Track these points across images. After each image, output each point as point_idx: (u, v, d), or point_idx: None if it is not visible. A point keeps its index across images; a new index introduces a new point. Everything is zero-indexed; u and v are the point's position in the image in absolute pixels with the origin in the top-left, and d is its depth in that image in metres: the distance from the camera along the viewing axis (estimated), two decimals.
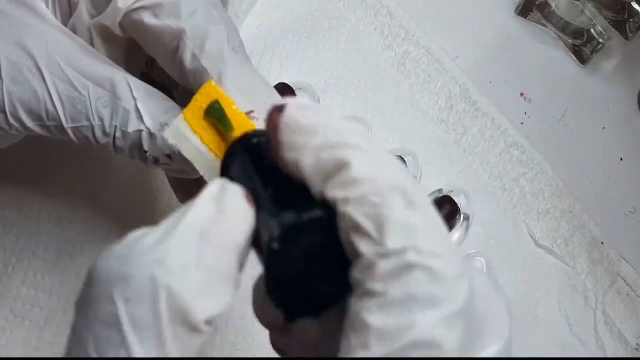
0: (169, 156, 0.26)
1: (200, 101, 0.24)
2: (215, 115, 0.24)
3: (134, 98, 0.25)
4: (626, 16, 0.50)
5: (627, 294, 0.46)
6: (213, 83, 0.24)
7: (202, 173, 0.24)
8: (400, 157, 0.43)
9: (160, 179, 0.42)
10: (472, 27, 0.52)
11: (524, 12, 0.52)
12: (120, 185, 0.42)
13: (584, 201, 0.47)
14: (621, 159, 0.50)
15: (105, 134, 0.26)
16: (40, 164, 0.41)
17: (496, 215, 0.46)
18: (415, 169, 0.45)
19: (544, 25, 0.52)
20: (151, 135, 0.25)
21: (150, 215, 0.41)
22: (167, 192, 0.42)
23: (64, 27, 0.27)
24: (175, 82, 0.30)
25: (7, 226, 0.40)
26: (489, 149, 0.47)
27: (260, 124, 0.24)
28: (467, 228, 0.44)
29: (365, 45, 0.49)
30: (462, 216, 0.44)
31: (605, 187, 0.49)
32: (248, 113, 0.25)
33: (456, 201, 0.42)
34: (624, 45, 0.52)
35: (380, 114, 0.47)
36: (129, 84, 0.26)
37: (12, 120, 0.25)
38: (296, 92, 0.43)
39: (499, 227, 0.45)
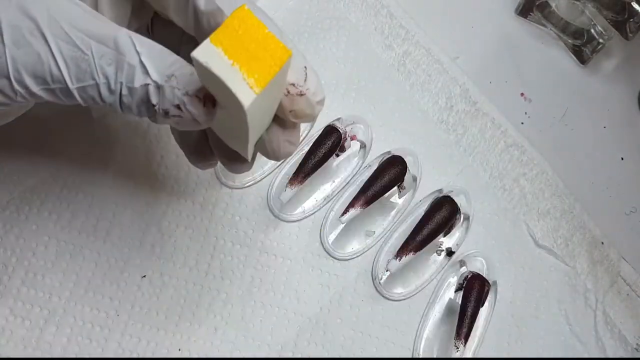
0: (178, 107, 0.25)
1: (233, 24, 0.23)
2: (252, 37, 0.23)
3: (138, 52, 0.25)
4: (626, 16, 0.50)
5: (627, 294, 0.46)
6: (247, 8, 0.23)
7: (234, 91, 0.22)
8: (401, 157, 0.43)
9: (161, 174, 0.42)
10: (472, 27, 0.52)
11: (524, 12, 0.52)
12: (120, 185, 0.42)
13: (584, 201, 0.47)
14: (621, 159, 0.50)
15: (110, 91, 0.25)
16: (40, 164, 0.41)
17: (496, 215, 0.46)
18: (415, 169, 0.45)
19: (544, 25, 0.52)
20: (158, 87, 0.25)
21: (151, 214, 0.41)
22: (169, 190, 0.42)
23: None
24: (178, 43, 0.30)
25: (7, 226, 0.40)
26: (489, 149, 0.47)
27: None
28: (467, 228, 0.44)
29: (365, 45, 0.49)
30: (462, 216, 0.44)
31: (606, 187, 0.49)
32: None
33: (456, 201, 0.42)
34: (624, 45, 0.52)
35: (380, 114, 0.47)
36: (131, 39, 0.25)
37: (17, 86, 0.25)
38: None
39: (498, 227, 0.45)
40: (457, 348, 0.39)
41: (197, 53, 0.22)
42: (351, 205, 0.41)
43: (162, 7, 0.28)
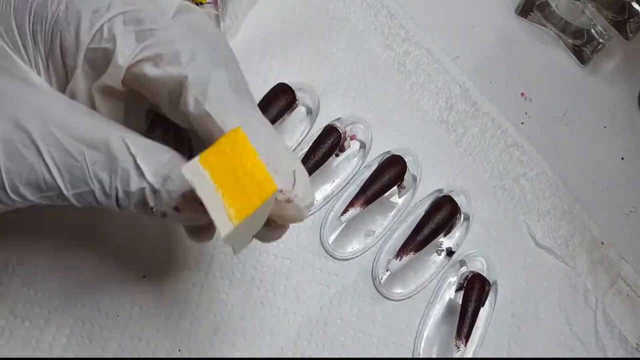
0: (176, 208, 0.25)
1: (224, 146, 0.22)
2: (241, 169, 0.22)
3: (132, 155, 0.25)
4: (626, 16, 0.50)
5: (627, 294, 0.46)
6: (241, 131, 0.23)
7: (214, 219, 0.22)
8: (401, 157, 0.43)
9: None
10: (472, 27, 0.52)
11: (524, 12, 0.52)
12: None
13: (584, 201, 0.47)
14: (622, 159, 0.50)
15: (106, 195, 0.25)
16: None
17: (496, 215, 0.46)
18: (415, 168, 0.45)
19: (544, 25, 0.52)
20: (154, 190, 0.25)
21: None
22: None
23: (57, 93, 0.27)
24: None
25: (7, 226, 0.40)
26: (489, 149, 0.47)
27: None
28: (467, 228, 0.44)
29: (365, 45, 0.49)
30: (462, 216, 0.44)
31: (606, 187, 0.49)
32: None
33: (456, 201, 0.42)
34: (624, 45, 0.52)
35: (380, 114, 0.47)
36: (125, 142, 0.25)
37: (13, 196, 0.25)
38: (296, 92, 0.43)
39: (499, 227, 0.45)
40: (458, 348, 0.39)
41: (185, 170, 0.22)
42: (351, 204, 0.41)
43: (157, 103, 0.28)
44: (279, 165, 0.25)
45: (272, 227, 0.28)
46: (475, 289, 0.40)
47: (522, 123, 0.49)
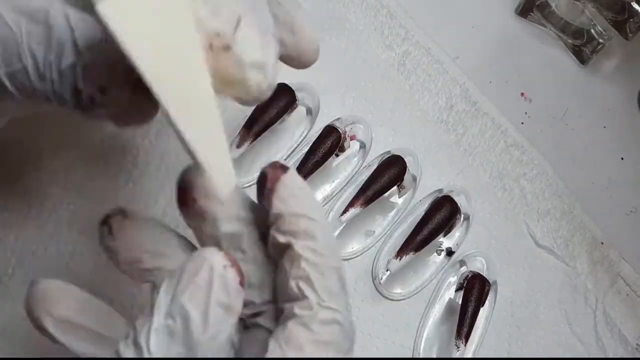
0: (102, 89, 0.22)
1: None
2: None
3: (71, 28, 0.22)
4: (626, 16, 0.51)
5: (627, 294, 0.46)
6: None
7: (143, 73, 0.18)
8: (401, 157, 0.43)
9: (161, 174, 0.42)
10: (472, 27, 0.52)
11: (524, 12, 0.52)
12: (120, 185, 0.42)
13: (584, 201, 0.47)
14: (622, 159, 0.50)
15: (40, 76, 0.22)
16: (39, 164, 0.41)
17: (496, 215, 0.46)
18: (415, 168, 0.45)
19: (544, 25, 0.52)
20: (85, 68, 0.22)
21: (151, 214, 0.41)
22: (168, 191, 0.42)
23: None
24: None
25: (7, 227, 0.40)
26: (489, 149, 0.47)
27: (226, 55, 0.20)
28: (467, 228, 0.44)
29: (365, 45, 0.49)
30: (462, 216, 0.44)
31: (606, 187, 0.49)
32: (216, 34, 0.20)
33: (456, 201, 0.42)
34: (624, 45, 0.52)
35: (380, 114, 0.47)
36: (66, 14, 0.22)
37: None
38: (296, 92, 0.43)
39: (499, 227, 0.45)
40: (458, 348, 0.39)
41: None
42: (351, 204, 0.41)
43: None
44: (220, 3, 0.21)
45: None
46: (475, 289, 0.40)
47: (522, 123, 0.49)
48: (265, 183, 0.24)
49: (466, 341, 0.39)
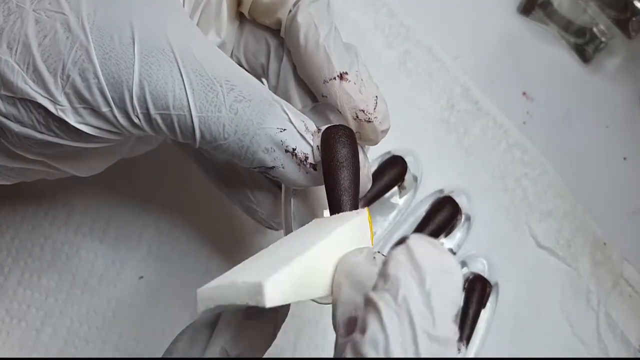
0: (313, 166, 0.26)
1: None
2: None
3: (271, 94, 0.25)
4: (629, 14, 0.50)
5: (630, 295, 0.45)
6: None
7: None
8: (401, 157, 0.42)
9: (157, 173, 0.42)
10: (473, 26, 0.51)
11: (526, 10, 0.52)
12: (117, 185, 0.41)
13: (586, 202, 0.47)
14: (624, 159, 0.50)
15: (236, 132, 0.24)
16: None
17: (498, 215, 0.45)
18: (416, 168, 0.44)
19: (546, 24, 0.52)
20: (298, 132, 0.25)
21: (148, 214, 0.41)
22: (166, 191, 0.42)
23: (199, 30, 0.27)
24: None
25: (3, 227, 0.40)
26: (491, 149, 0.47)
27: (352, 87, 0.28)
28: (469, 228, 0.44)
29: (366, 44, 0.48)
30: (463, 216, 0.43)
31: (608, 188, 0.49)
32: (344, 73, 0.28)
33: (457, 201, 0.42)
34: (627, 43, 0.52)
35: None
36: (262, 85, 0.26)
37: (135, 103, 0.23)
38: None
39: (500, 228, 0.45)
40: (459, 350, 0.38)
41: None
42: None
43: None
44: (364, 88, 0.28)
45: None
46: (477, 290, 0.40)
47: (524, 123, 0.49)
48: None
49: (468, 343, 0.39)
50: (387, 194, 0.42)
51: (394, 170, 0.42)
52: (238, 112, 0.24)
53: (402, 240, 0.19)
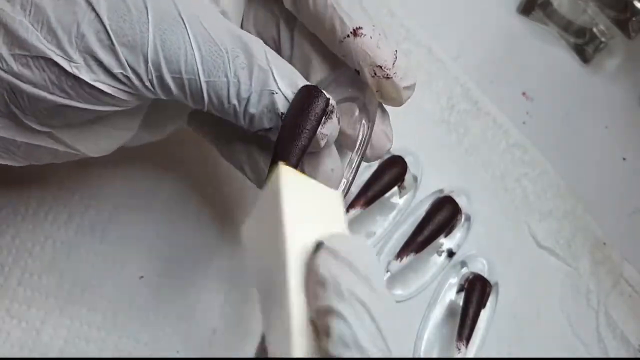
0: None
1: None
2: None
3: (268, 60, 0.25)
4: (628, 15, 0.50)
5: (630, 295, 0.45)
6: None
7: None
8: (401, 157, 0.42)
9: (158, 173, 0.42)
10: (473, 26, 0.51)
11: (526, 10, 0.52)
12: (117, 185, 0.41)
13: (586, 202, 0.47)
14: (624, 159, 0.50)
15: (238, 93, 0.25)
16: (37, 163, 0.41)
17: (498, 215, 0.45)
18: (416, 168, 0.44)
19: (545, 24, 0.52)
20: (286, 97, 0.25)
21: (148, 214, 0.41)
22: (166, 190, 0.42)
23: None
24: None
25: (3, 226, 0.40)
26: (491, 149, 0.47)
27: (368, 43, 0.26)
28: (469, 228, 0.44)
29: None
30: (463, 216, 0.43)
31: (608, 188, 0.49)
32: (357, 29, 0.26)
33: (457, 201, 0.42)
34: (627, 43, 0.52)
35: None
36: (264, 49, 0.26)
37: (151, 67, 0.24)
38: None
39: (500, 228, 0.45)
40: (459, 349, 0.38)
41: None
42: (351, 205, 0.41)
43: None
44: (382, 42, 0.27)
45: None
46: (477, 290, 0.40)
47: (524, 123, 0.49)
48: None
49: (467, 343, 0.39)
50: (387, 194, 0.42)
51: (393, 170, 0.42)
52: (241, 79, 0.25)
53: (318, 246, 0.20)
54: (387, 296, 0.20)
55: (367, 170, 0.43)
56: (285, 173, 0.21)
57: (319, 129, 0.26)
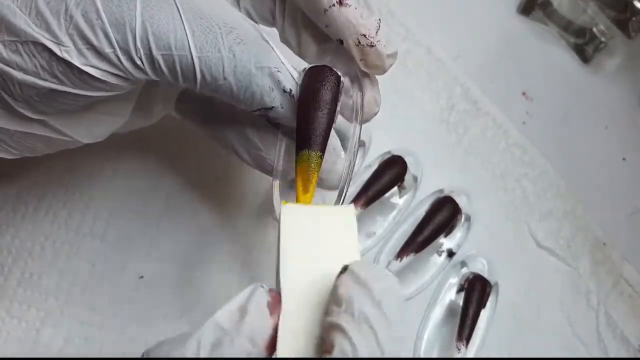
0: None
1: None
2: None
3: (264, 38, 0.25)
4: (628, 15, 0.50)
5: (630, 295, 0.45)
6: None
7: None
8: (401, 157, 0.42)
9: (158, 173, 0.42)
10: (473, 26, 0.51)
11: (526, 10, 0.52)
12: (117, 185, 0.41)
13: (586, 202, 0.47)
14: (623, 159, 0.50)
15: (235, 72, 0.25)
16: (37, 163, 0.41)
17: (498, 215, 0.45)
18: (416, 168, 0.44)
19: (545, 24, 0.52)
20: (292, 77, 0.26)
21: (148, 214, 0.41)
22: (166, 190, 0.42)
23: None
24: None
25: (3, 226, 0.40)
26: (491, 149, 0.47)
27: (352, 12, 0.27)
28: (468, 228, 0.44)
29: None
30: (463, 216, 0.43)
31: (608, 188, 0.49)
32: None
33: (457, 201, 0.42)
34: (627, 43, 0.52)
35: (380, 113, 0.46)
36: (260, 32, 0.26)
37: (139, 44, 0.24)
38: None
39: (500, 228, 0.45)
40: (459, 349, 0.38)
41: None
42: None
43: None
44: (366, 12, 0.27)
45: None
46: (476, 290, 0.40)
47: (524, 123, 0.49)
48: None
49: (467, 343, 0.39)
50: (387, 194, 0.42)
51: (393, 170, 0.42)
52: (236, 54, 0.25)
53: (344, 269, 0.22)
54: (399, 324, 0.20)
55: (367, 170, 0.43)
56: (286, 213, 0.24)
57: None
